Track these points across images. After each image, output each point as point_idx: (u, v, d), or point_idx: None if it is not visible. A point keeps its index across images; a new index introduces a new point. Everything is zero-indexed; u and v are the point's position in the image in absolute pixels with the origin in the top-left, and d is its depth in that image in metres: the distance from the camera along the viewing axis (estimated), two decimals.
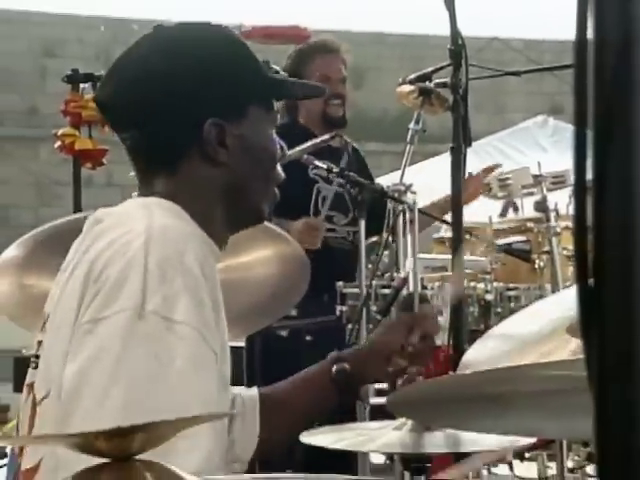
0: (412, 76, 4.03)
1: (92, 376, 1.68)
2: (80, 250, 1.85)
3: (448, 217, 4.57)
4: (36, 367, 1.88)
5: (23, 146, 13.42)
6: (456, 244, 3.07)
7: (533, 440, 2.57)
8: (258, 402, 2.17)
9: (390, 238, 3.90)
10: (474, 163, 6.21)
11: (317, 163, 4.00)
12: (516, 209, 5.35)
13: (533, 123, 10.17)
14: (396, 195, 3.74)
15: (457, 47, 2.96)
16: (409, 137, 3.94)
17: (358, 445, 2.19)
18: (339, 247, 4.33)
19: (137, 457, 1.05)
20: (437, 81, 3.74)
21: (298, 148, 3.91)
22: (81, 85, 4.14)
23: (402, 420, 2.05)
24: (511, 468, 4.56)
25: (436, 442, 2.22)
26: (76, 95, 4.13)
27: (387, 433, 2.03)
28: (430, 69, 3.89)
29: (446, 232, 4.91)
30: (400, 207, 3.65)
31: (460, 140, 3.01)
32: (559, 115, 10.79)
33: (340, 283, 3.97)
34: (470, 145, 3.07)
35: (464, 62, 2.98)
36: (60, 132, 4.07)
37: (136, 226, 1.79)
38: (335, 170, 3.99)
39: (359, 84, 11.27)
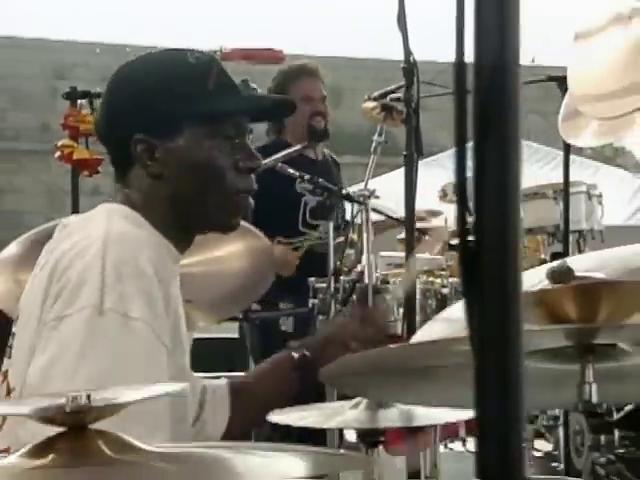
0: (375, 93, 4.09)
1: (54, 373, 1.68)
2: (49, 250, 1.88)
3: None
4: (10, 357, 1.89)
5: (36, 159, 13.48)
6: (408, 242, 3.10)
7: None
8: (227, 390, 2.20)
9: (355, 237, 3.98)
10: (441, 175, 6.28)
11: (289, 170, 4.05)
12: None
13: None
14: (360, 199, 3.81)
15: (409, 65, 2.98)
16: (372, 148, 4.00)
17: (319, 422, 2.20)
18: (325, 252, 4.35)
19: (92, 427, 1.08)
20: (392, 96, 3.81)
21: (273, 157, 3.96)
22: (79, 101, 4.19)
23: (358, 399, 2.09)
24: (464, 444, 4.56)
25: (389, 418, 2.25)
26: (74, 110, 4.18)
27: (345, 411, 2.06)
28: (391, 87, 3.94)
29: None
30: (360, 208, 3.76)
31: (412, 149, 3.04)
32: None
33: (312, 279, 4.04)
34: (422, 153, 3.09)
35: (416, 79, 3.00)
36: (60, 143, 4.13)
37: (95, 231, 1.81)
38: (306, 177, 4.04)
39: (337, 103, 11.37)
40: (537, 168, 9.11)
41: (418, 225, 3.65)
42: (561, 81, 3.54)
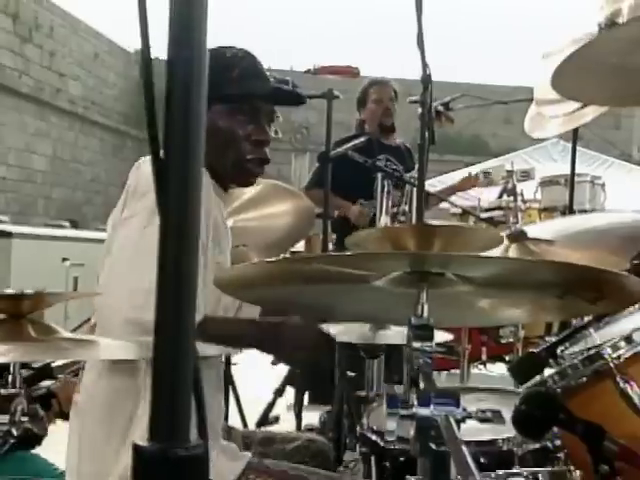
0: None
1: (113, 273, 1.64)
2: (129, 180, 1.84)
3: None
4: None
5: None
6: (419, 212, 3.04)
7: None
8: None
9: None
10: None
11: (355, 155, 4.02)
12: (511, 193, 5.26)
13: (550, 143, 9.93)
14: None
15: (426, 76, 2.91)
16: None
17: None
18: None
19: (28, 316, 1.11)
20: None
21: (351, 144, 3.99)
22: None
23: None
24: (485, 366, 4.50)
25: (387, 336, 2.25)
26: None
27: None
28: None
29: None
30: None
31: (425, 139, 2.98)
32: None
33: None
34: (434, 143, 3.03)
35: (430, 86, 2.92)
36: None
37: None
38: (369, 161, 4.02)
39: None
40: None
41: None
42: None
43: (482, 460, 2.09)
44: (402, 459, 1.75)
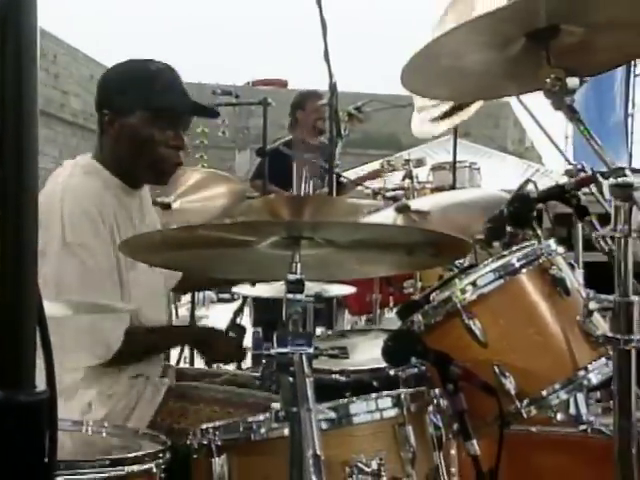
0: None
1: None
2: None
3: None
4: None
5: None
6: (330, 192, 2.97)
7: None
8: None
9: None
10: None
11: (285, 150, 3.94)
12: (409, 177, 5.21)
13: (445, 139, 9.91)
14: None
15: (332, 84, 2.82)
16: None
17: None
18: None
19: None
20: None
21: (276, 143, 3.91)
22: None
23: None
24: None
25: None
26: None
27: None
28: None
29: None
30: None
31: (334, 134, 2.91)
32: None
33: None
34: (342, 137, 2.98)
35: (335, 92, 2.84)
36: None
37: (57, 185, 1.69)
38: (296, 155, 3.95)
39: None
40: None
41: None
42: None
43: (374, 383, 2.06)
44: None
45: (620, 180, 1.11)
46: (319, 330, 3.41)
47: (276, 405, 1.01)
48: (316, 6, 2.35)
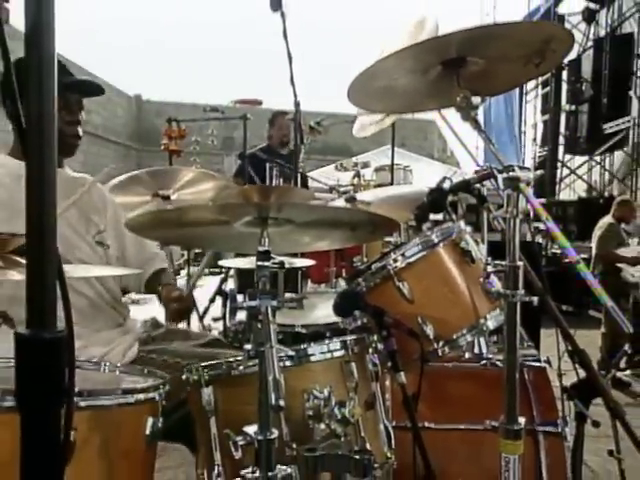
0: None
1: None
2: None
3: None
4: None
5: None
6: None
7: None
8: None
9: None
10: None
11: (261, 154, 3.92)
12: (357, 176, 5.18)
13: (386, 148, 9.93)
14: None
15: (297, 103, 2.79)
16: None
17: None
18: None
19: None
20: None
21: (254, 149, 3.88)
22: None
23: None
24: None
25: None
26: None
27: None
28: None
29: None
30: None
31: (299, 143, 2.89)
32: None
33: None
34: (305, 145, 2.97)
35: (298, 109, 2.81)
36: None
37: None
38: (269, 159, 3.92)
39: None
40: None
41: None
42: None
43: (327, 334, 2.07)
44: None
45: (510, 174, 1.14)
46: (288, 294, 3.43)
47: (248, 346, 1.02)
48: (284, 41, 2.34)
